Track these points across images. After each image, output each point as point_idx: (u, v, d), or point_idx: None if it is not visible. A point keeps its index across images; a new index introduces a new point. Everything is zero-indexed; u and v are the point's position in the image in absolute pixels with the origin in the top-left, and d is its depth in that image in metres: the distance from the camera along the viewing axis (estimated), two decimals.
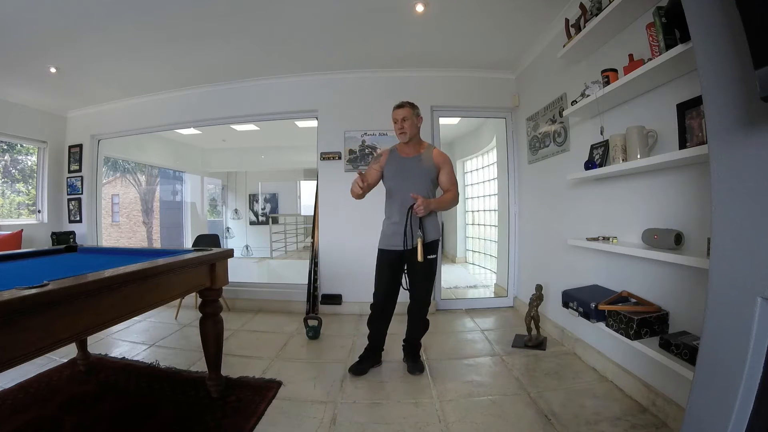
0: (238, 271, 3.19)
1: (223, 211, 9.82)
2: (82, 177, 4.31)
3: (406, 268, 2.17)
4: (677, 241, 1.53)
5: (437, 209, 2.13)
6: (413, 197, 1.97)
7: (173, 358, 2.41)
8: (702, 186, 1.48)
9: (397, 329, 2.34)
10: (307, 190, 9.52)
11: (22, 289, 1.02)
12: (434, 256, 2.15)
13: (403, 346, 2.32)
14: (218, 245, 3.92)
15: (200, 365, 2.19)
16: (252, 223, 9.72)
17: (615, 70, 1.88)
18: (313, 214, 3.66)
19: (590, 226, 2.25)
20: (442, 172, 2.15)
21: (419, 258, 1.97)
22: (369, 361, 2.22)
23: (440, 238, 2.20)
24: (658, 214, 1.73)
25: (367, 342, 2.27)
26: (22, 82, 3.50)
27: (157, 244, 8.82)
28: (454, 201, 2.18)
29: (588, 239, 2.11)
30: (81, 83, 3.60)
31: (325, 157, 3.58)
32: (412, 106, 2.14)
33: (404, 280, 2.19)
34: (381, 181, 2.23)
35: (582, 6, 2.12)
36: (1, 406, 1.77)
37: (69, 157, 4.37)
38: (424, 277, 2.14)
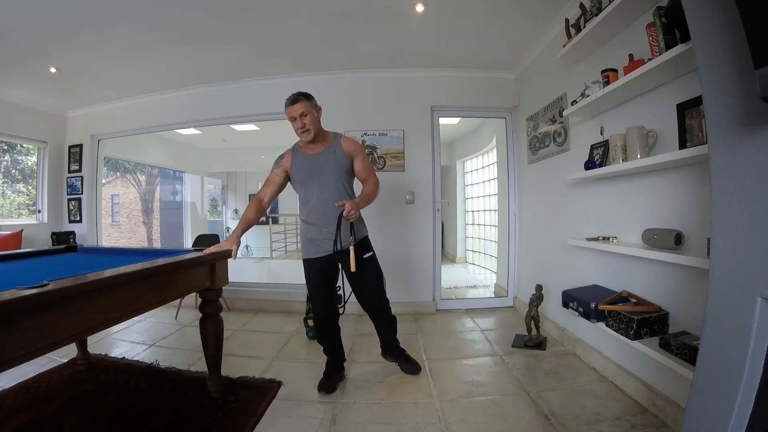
0: (238, 271, 3.19)
1: (223, 211, 9.82)
2: (82, 177, 4.31)
3: (344, 275, 2.02)
4: (677, 241, 1.53)
5: (366, 205, 1.95)
6: (339, 205, 1.80)
7: (173, 358, 2.41)
8: (702, 186, 1.48)
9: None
10: None
11: (22, 289, 1.02)
12: (371, 253, 2.02)
13: (387, 349, 2.22)
14: None
15: (200, 365, 2.19)
16: None
17: (615, 70, 1.88)
18: None
19: (590, 226, 2.25)
20: (357, 161, 1.99)
21: (352, 268, 1.83)
22: (335, 376, 2.05)
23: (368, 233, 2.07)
24: (658, 214, 1.73)
25: (326, 357, 2.10)
26: (22, 82, 3.50)
27: (157, 244, 8.82)
28: (377, 189, 2.00)
29: (588, 239, 2.11)
30: (81, 83, 3.60)
31: None
32: (307, 97, 1.90)
33: (343, 297, 2.05)
34: (291, 185, 2.05)
35: (582, 6, 2.12)
36: (1, 406, 1.77)
37: (69, 157, 4.37)
38: (372, 280, 2.02)
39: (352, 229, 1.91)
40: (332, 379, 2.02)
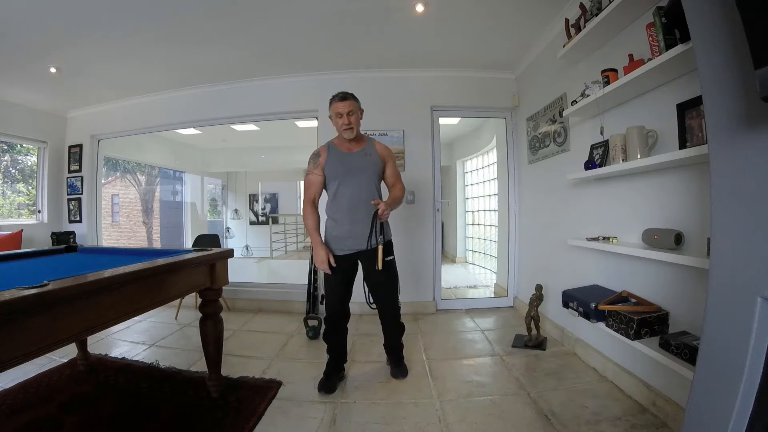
0: (238, 271, 3.19)
1: (223, 211, 9.83)
2: (82, 177, 4.31)
3: (363, 276, 2.06)
4: (677, 241, 1.53)
5: (394, 209, 2.00)
6: (374, 204, 1.87)
7: (173, 358, 2.41)
8: (702, 186, 1.48)
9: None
10: None
11: (22, 289, 1.02)
12: (392, 257, 2.05)
13: (385, 350, 2.23)
14: (218, 245, 3.92)
15: (200, 365, 2.19)
16: (252, 223, 9.72)
17: (615, 70, 1.88)
18: None
19: (590, 226, 2.25)
20: (388, 166, 2.06)
21: (379, 266, 1.88)
22: (335, 376, 2.05)
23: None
24: (658, 214, 1.73)
25: (328, 356, 2.09)
26: (22, 82, 3.50)
27: (157, 244, 8.81)
28: (403, 196, 2.09)
29: (588, 239, 2.11)
30: (81, 83, 3.60)
31: None
32: (355, 98, 2.00)
33: (366, 296, 2.05)
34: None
35: (582, 6, 2.12)
36: (1, 406, 1.77)
37: (69, 157, 4.37)
38: (389, 283, 2.04)
39: (382, 228, 1.95)
40: (332, 379, 2.02)
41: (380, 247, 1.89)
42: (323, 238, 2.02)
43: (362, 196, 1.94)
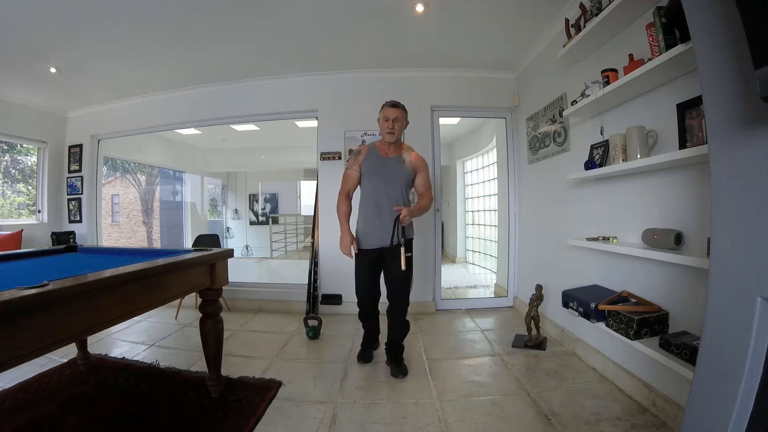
0: (238, 271, 3.19)
1: (223, 211, 9.82)
2: (82, 177, 4.31)
3: (383, 270, 2.20)
4: (677, 241, 1.53)
5: (417, 216, 2.14)
6: (396, 210, 2.01)
7: (173, 358, 2.41)
8: (702, 186, 1.48)
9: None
10: (307, 190, 9.52)
11: (22, 289, 1.02)
12: (410, 254, 2.16)
13: (385, 349, 2.27)
14: (218, 245, 3.92)
15: (200, 365, 2.19)
16: (252, 223, 9.72)
17: (615, 70, 1.88)
18: (313, 214, 3.66)
19: (590, 226, 2.25)
20: (419, 176, 2.20)
21: (402, 266, 2.01)
22: (370, 348, 2.33)
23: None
24: (658, 214, 1.73)
25: (364, 331, 2.35)
26: (22, 82, 3.50)
27: (157, 244, 8.80)
28: (430, 205, 2.23)
29: (588, 239, 2.11)
30: (81, 83, 3.60)
31: (325, 157, 3.58)
32: (404, 109, 2.16)
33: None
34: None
35: (582, 6, 2.12)
36: (1, 406, 1.77)
37: (69, 157, 4.37)
38: (404, 278, 2.13)
39: (403, 230, 2.08)
40: (368, 351, 2.31)
41: (402, 249, 2.02)
42: (354, 232, 2.20)
43: (389, 198, 2.10)
